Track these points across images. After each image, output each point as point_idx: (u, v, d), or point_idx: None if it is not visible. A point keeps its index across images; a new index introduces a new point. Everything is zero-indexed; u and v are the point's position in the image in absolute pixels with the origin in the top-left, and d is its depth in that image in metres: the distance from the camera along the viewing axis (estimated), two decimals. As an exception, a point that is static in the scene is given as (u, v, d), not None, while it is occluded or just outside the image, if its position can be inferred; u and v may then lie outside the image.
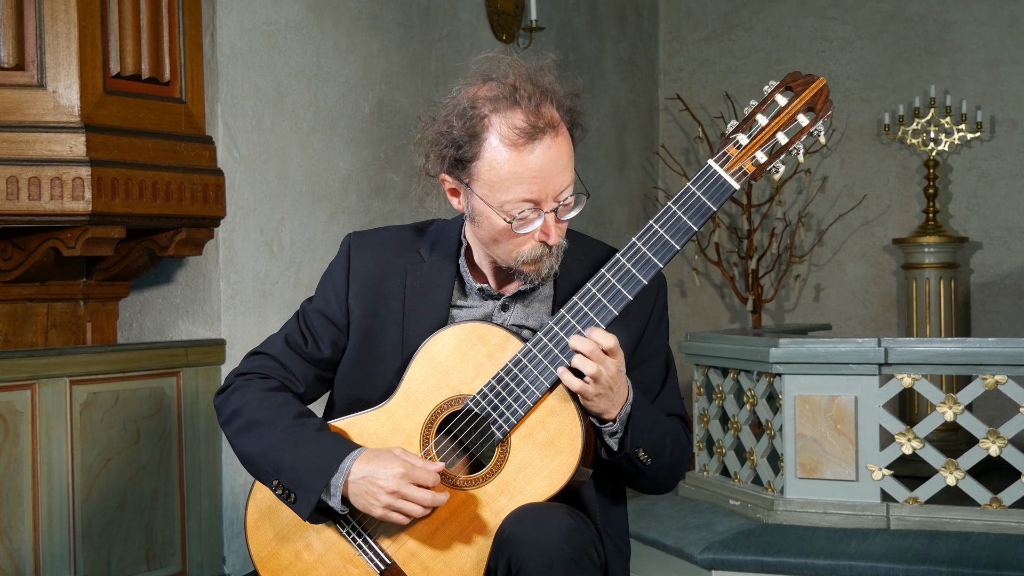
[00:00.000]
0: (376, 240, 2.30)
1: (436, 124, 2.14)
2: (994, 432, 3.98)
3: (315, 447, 2.13)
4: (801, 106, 2.12)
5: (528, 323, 2.21)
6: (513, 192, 2.07)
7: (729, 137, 2.12)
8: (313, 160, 4.68)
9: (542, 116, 2.07)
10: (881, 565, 3.73)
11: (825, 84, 2.13)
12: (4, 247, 3.89)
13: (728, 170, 2.10)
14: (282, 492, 2.14)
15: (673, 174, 7.26)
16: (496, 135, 2.07)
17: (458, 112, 2.11)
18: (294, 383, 2.26)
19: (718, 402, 4.63)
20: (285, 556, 2.22)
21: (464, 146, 2.09)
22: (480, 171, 2.09)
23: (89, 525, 3.82)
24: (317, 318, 2.27)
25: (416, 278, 2.24)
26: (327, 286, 2.29)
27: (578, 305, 2.10)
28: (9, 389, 3.64)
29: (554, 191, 2.09)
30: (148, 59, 3.85)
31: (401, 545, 2.15)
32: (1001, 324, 6.66)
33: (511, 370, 2.10)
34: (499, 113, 2.08)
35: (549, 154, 2.07)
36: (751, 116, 2.12)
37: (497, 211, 2.09)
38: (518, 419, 2.10)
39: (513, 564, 2.01)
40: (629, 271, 2.09)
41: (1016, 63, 6.68)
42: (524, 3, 5.94)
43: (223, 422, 2.25)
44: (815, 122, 2.12)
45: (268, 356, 2.28)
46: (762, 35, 7.18)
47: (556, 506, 2.07)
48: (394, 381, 2.18)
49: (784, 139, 2.12)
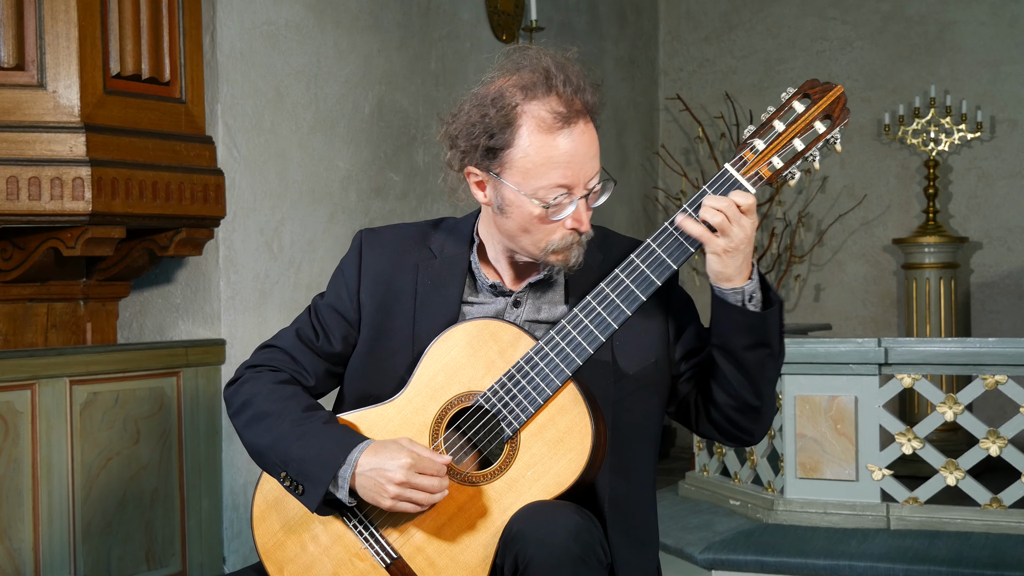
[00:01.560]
0: (388, 236, 2.31)
1: (464, 115, 2.14)
2: (994, 432, 3.98)
3: (323, 439, 2.13)
4: (818, 113, 2.13)
5: (540, 316, 2.22)
6: (548, 178, 2.09)
7: (746, 142, 2.13)
8: (313, 160, 4.68)
9: (573, 103, 2.09)
10: (881, 565, 3.73)
11: (843, 92, 2.14)
12: (4, 247, 3.89)
13: (744, 174, 2.12)
14: (290, 484, 2.15)
15: (673, 174, 7.26)
16: (532, 121, 2.09)
17: (490, 101, 2.11)
18: (304, 376, 2.27)
19: (718, 402, 4.62)
20: (291, 547, 2.22)
21: (497, 134, 2.10)
22: (513, 158, 2.10)
23: (89, 525, 3.82)
24: (328, 313, 2.28)
25: (428, 274, 2.24)
26: (339, 281, 2.30)
27: (591, 304, 2.10)
28: (9, 389, 3.64)
29: (586, 177, 2.11)
30: (148, 59, 3.85)
31: (408, 539, 2.15)
32: (1001, 324, 6.66)
33: (522, 367, 2.11)
34: (534, 99, 2.09)
35: (583, 139, 2.10)
36: (768, 122, 2.13)
37: (530, 198, 2.10)
38: (528, 416, 2.10)
39: (520, 561, 2.01)
40: (643, 271, 2.10)
41: (1016, 63, 6.68)
42: (524, 3, 5.94)
43: (232, 414, 2.25)
44: (831, 129, 2.13)
45: (279, 349, 2.29)
46: (762, 35, 7.18)
47: (564, 504, 2.07)
48: (404, 376, 2.18)
49: (800, 145, 2.13)
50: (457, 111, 2.17)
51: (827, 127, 2.13)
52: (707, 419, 2.25)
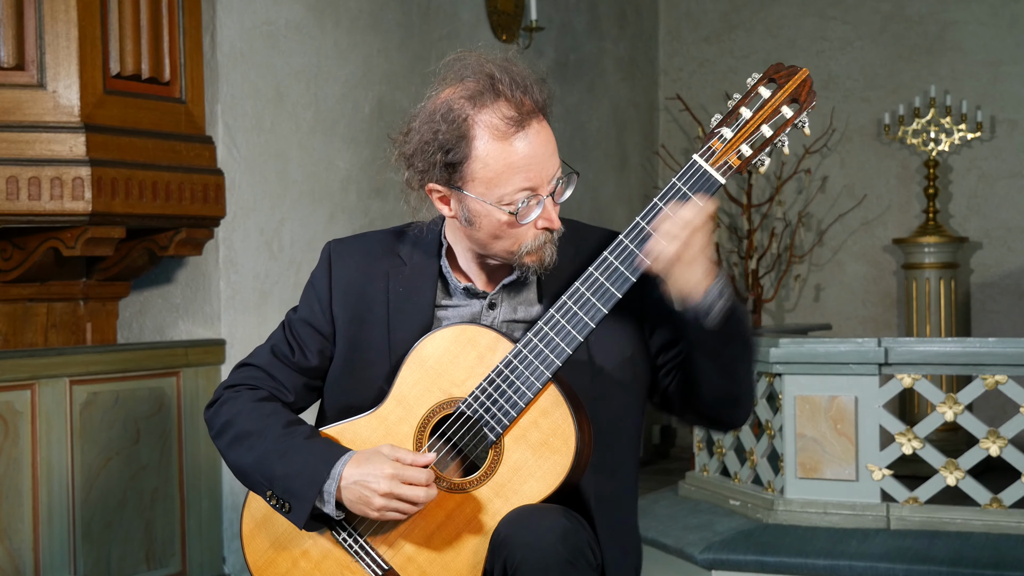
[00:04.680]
0: (356, 246, 2.29)
1: (416, 134, 2.12)
2: (994, 432, 3.98)
3: (305, 455, 2.12)
4: (785, 98, 2.10)
5: (517, 316, 2.20)
6: (511, 183, 2.07)
7: (713, 131, 2.10)
8: (313, 160, 4.68)
9: (523, 104, 2.07)
10: (881, 565, 3.73)
11: (808, 75, 2.11)
12: (4, 247, 3.89)
13: (713, 164, 2.09)
14: (276, 502, 2.14)
15: (673, 174, 7.26)
16: (485, 130, 2.06)
17: (440, 116, 2.09)
18: (283, 393, 2.26)
19: (718, 402, 4.62)
20: (282, 564, 2.21)
21: (453, 148, 2.07)
22: (473, 170, 2.08)
23: (89, 525, 3.82)
24: (302, 327, 2.26)
25: (399, 281, 2.23)
26: (310, 295, 2.29)
27: (567, 304, 2.09)
28: (9, 389, 3.64)
29: (548, 175, 2.09)
30: (148, 59, 3.85)
31: (398, 550, 2.15)
32: (1001, 324, 6.66)
33: (502, 371, 2.10)
34: (484, 108, 2.07)
35: (539, 139, 2.08)
36: (735, 109, 2.10)
37: (497, 206, 2.08)
38: (511, 420, 2.09)
39: (509, 566, 2.01)
40: (617, 268, 2.09)
41: (1016, 63, 6.68)
42: (524, 3, 5.94)
43: (214, 435, 2.25)
44: (799, 114, 2.10)
45: (255, 367, 2.28)
46: (762, 35, 7.19)
47: (551, 508, 2.07)
48: (384, 386, 2.17)
49: (769, 132, 2.09)
50: (407, 130, 2.14)
51: (795, 111, 2.10)
52: (689, 409, 2.24)
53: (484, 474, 2.11)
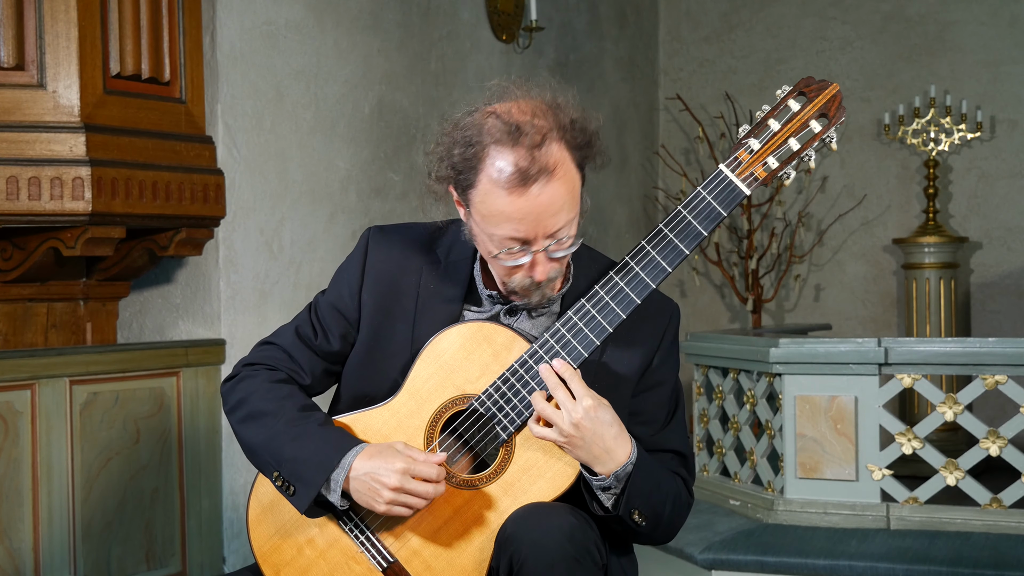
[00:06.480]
0: (396, 238, 2.29)
1: (445, 142, 2.11)
2: (994, 432, 3.98)
3: (318, 441, 2.13)
4: (814, 112, 2.09)
5: (534, 333, 2.21)
6: (501, 229, 2.05)
7: (741, 142, 2.10)
8: (313, 160, 4.68)
9: (537, 160, 2.01)
10: (881, 565, 3.73)
11: (839, 90, 2.09)
12: (4, 247, 3.89)
13: (740, 175, 2.09)
14: (282, 484, 2.15)
15: (673, 174, 7.26)
16: (491, 170, 2.03)
17: (462, 139, 2.06)
18: (301, 375, 2.26)
19: (718, 402, 4.63)
20: (287, 551, 2.22)
21: (463, 173, 2.07)
22: (474, 199, 2.07)
23: (89, 525, 3.82)
24: (329, 311, 2.27)
25: (431, 279, 2.23)
26: (341, 279, 2.29)
27: (585, 307, 2.10)
28: (9, 389, 3.64)
29: (545, 231, 2.04)
30: (148, 59, 3.85)
31: (404, 543, 2.15)
32: (1001, 324, 6.66)
33: (517, 371, 2.10)
34: (496, 150, 2.02)
35: (539, 200, 2.01)
36: (763, 121, 2.10)
37: (488, 240, 2.08)
38: (523, 420, 2.10)
39: (515, 563, 2.01)
40: (638, 274, 2.10)
41: (1016, 63, 6.68)
42: (524, 3, 5.94)
43: (228, 410, 2.25)
44: (827, 128, 2.09)
45: (277, 347, 2.29)
46: (762, 35, 7.18)
47: (558, 506, 2.08)
48: (399, 379, 2.18)
49: (796, 145, 2.09)
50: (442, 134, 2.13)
51: (823, 126, 2.09)
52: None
53: (494, 472, 2.12)
